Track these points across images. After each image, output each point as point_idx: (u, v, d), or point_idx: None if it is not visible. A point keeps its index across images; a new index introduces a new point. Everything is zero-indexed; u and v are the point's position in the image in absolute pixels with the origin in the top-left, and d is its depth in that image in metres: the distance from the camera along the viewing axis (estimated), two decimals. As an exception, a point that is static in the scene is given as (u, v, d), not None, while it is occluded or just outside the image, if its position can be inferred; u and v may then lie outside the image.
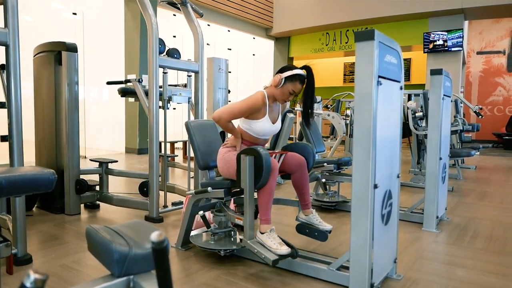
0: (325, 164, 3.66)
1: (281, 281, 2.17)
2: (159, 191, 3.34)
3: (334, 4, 10.99)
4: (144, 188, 3.56)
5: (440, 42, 9.79)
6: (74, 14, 7.60)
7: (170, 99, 3.46)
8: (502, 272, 2.35)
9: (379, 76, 1.82)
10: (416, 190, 4.80)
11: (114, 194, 3.68)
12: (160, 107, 3.35)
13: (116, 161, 3.86)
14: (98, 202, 3.69)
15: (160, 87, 3.37)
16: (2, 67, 2.82)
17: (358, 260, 1.87)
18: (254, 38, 12.13)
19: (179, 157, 7.98)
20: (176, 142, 7.98)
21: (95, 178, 3.78)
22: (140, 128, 8.18)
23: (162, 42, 3.30)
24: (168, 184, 3.88)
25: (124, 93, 3.62)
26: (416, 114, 5.01)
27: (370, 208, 1.82)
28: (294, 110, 6.65)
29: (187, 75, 3.67)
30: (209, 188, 2.34)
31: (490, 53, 12.68)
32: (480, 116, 6.63)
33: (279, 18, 12.08)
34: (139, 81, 3.33)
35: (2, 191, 0.99)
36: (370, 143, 1.80)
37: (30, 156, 3.33)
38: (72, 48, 3.35)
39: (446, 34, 9.70)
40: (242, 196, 2.55)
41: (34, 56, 3.60)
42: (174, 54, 3.45)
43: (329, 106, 9.63)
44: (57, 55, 3.37)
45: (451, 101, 3.80)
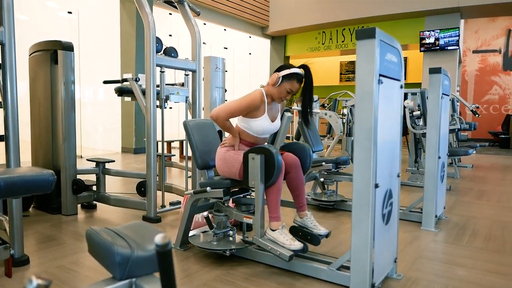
0: (323, 163, 3.65)
1: (281, 281, 2.15)
2: (157, 191, 3.32)
3: (330, 3, 10.99)
4: (141, 188, 3.53)
5: (436, 41, 9.81)
6: (69, 13, 7.55)
7: (167, 98, 3.44)
8: (502, 272, 2.35)
9: (380, 75, 1.81)
10: (413, 189, 4.80)
11: (111, 194, 3.65)
12: (157, 107, 3.32)
13: (113, 161, 3.84)
14: (95, 202, 3.66)
15: (158, 86, 3.35)
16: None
17: (359, 260, 1.86)
18: (250, 37, 12.10)
19: (176, 156, 7.95)
20: (173, 141, 7.94)
21: (91, 178, 3.75)
22: (136, 127, 8.14)
23: (159, 41, 3.27)
24: (166, 184, 3.86)
25: (121, 92, 3.59)
26: (414, 113, 5.01)
27: (371, 207, 1.81)
28: (291, 109, 6.65)
29: (185, 74, 3.64)
30: (208, 188, 2.32)
31: (486, 51, 12.73)
32: (477, 115, 6.65)
33: (275, 17, 12.06)
34: (136, 80, 3.30)
35: (1, 192, 0.96)
36: (371, 142, 1.78)
37: (26, 156, 3.29)
38: (68, 47, 3.31)
39: (442, 33, 9.72)
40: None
41: (30, 55, 3.56)
42: (171, 53, 3.42)
43: (325, 105, 9.63)
44: (53, 54, 3.33)
45: (450, 100, 3.79)
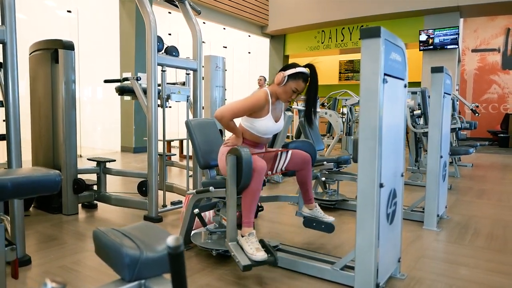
0: (324, 162, 3.65)
1: (285, 281, 2.15)
2: (158, 191, 3.30)
3: (329, 2, 10.98)
4: (143, 188, 3.52)
5: (436, 40, 9.81)
6: (69, 11, 7.52)
7: (168, 98, 3.42)
8: (506, 271, 2.34)
9: (385, 74, 1.80)
10: (414, 188, 4.80)
11: (112, 193, 3.64)
12: (158, 106, 3.31)
13: (114, 160, 3.82)
14: (95, 201, 3.65)
15: (159, 85, 3.33)
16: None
17: (364, 260, 1.85)
18: (249, 36, 12.09)
19: (176, 155, 7.93)
20: (173, 140, 7.93)
21: (91, 177, 3.73)
22: (136, 127, 8.12)
23: (160, 40, 3.25)
24: (167, 183, 3.85)
25: (122, 91, 3.58)
26: (414, 112, 5.01)
27: (376, 207, 1.81)
28: (291, 108, 6.64)
29: (186, 73, 3.63)
30: (211, 188, 2.31)
31: (485, 50, 12.75)
32: (476, 114, 6.65)
33: (275, 16, 12.05)
34: (137, 79, 3.29)
35: (7, 193, 0.95)
36: (376, 142, 1.78)
37: (25, 155, 3.28)
38: (69, 46, 3.30)
39: (441, 32, 9.72)
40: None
41: (30, 54, 3.54)
42: (172, 52, 3.41)
43: (325, 104, 9.63)
44: (53, 53, 3.31)
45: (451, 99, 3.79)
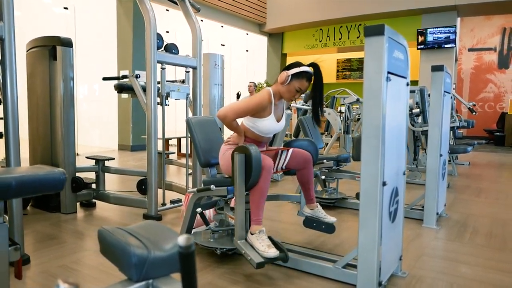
0: (324, 161, 3.64)
1: (286, 279, 2.14)
2: (157, 189, 3.29)
3: (327, 0, 10.97)
4: (142, 186, 3.50)
5: (433, 39, 9.83)
6: (65, 8, 7.47)
7: (168, 95, 3.41)
8: (506, 269, 2.35)
9: (388, 72, 1.79)
10: (413, 186, 4.81)
11: (111, 192, 3.62)
12: (158, 104, 3.29)
13: (113, 158, 3.80)
14: (94, 200, 3.63)
15: (158, 83, 3.31)
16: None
17: (367, 258, 1.85)
18: (247, 34, 12.07)
19: (174, 154, 7.91)
20: (171, 138, 7.90)
21: (89, 176, 3.71)
22: (133, 124, 8.09)
23: (160, 37, 3.23)
24: (166, 181, 3.83)
25: (120, 89, 3.55)
26: (413, 111, 5.01)
27: (379, 206, 1.80)
28: (290, 106, 6.63)
29: (185, 71, 3.61)
30: (212, 186, 2.30)
31: (482, 50, 12.80)
32: (474, 113, 6.67)
33: (273, 14, 12.03)
34: (136, 77, 3.27)
35: (11, 192, 0.93)
36: (379, 140, 1.77)
37: (23, 153, 3.25)
38: (67, 43, 3.27)
39: (439, 30, 9.74)
40: (246, 194, 2.53)
41: (27, 51, 3.50)
42: (172, 49, 3.38)
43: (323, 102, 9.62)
44: (51, 50, 3.28)
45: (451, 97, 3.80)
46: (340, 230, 3.02)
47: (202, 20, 9.99)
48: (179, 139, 7.66)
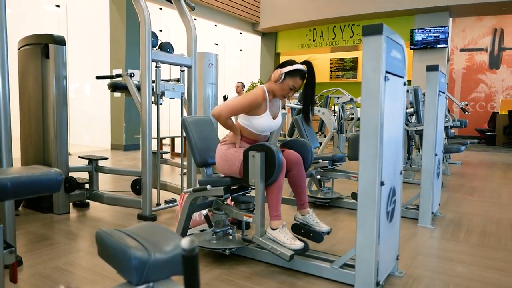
0: (319, 160, 3.64)
1: (282, 280, 2.13)
2: (152, 189, 3.25)
3: (321, 0, 10.97)
4: (136, 186, 3.46)
5: (426, 39, 9.88)
6: (57, 6, 7.38)
7: (163, 94, 3.37)
8: (501, 268, 2.36)
9: (386, 72, 1.79)
10: (406, 185, 4.82)
11: (105, 192, 3.58)
12: (152, 103, 3.26)
13: (107, 158, 3.75)
14: (87, 200, 3.59)
15: (153, 82, 3.28)
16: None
17: (365, 258, 1.84)
18: (241, 33, 12.05)
19: (167, 153, 7.86)
20: (164, 138, 7.86)
21: (82, 176, 3.66)
22: (126, 124, 8.02)
23: (154, 36, 3.20)
24: (160, 181, 3.79)
25: (114, 88, 3.50)
26: (407, 110, 5.03)
27: (377, 205, 1.79)
28: (285, 106, 6.62)
29: (180, 70, 3.57)
30: (208, 186, 2.28)
31: (473, 50, 12.90)
32: (466, 113, 6.72)
33: (266, 13, 12.02)
34: (131, 75, 3.23)
35: (7, 193, 0.90)
36: (378, 140, 1.76)
37: (14, 153, 3.20)
38: (60, 41, 3.22)
39: (431, 31, 9.80)
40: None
41: (19, 49, 3.45)
42: (167, 48, 3.35)
43: (317, 102, 9.63)
44: (44, 48, 3.23)
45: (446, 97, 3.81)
46: (336, 230, 3.01)
47: (195, 19, 9.91)
48: (172, 139, 7.61)
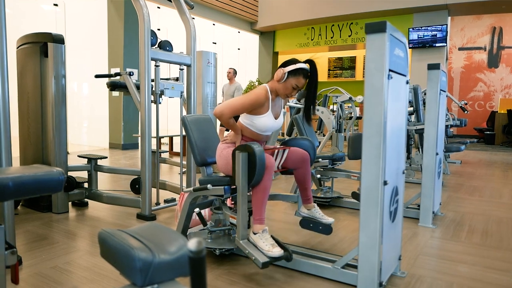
0: (319, 159, 3.62)
1: (284, 280, 2.11)
2: (151, 188, 3.23)
3: (320, -2, 10.97)
4: (136, 185, 3.44)
5: (425, 38, 9.88)
6: (55, 5, 7.34)
7: (162, 93, 3.35)
8: (504, 268, 2.35)
9: (390, 70, 1.77)
10: (406, 185, 4.81)
11: (104, 191, 3.56)
12: (152, 102, 3.23)
13: (106, 157, 3.73)
14: (86, 199, 3.56)
15: (152, 80, 3.26)
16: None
17: (367, 258, 1.82)
18: (239, 32, 12.02)
19: (166, 153, 7.83)
20: (163, 137, 7.83)
21: (81, 175, 3.64)
22: (125, 123, 7.99)
23: (154, 34, 3.18)
24: (160, 181, 3.77)
25: (113, 87, 3.48)
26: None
27: (380, 205, 1.78)
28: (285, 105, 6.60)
29: (179, 69, 3.56)
30: (208, 185, 2.26)
31: (471, 49, 12.91)
32: (466, 112, 6.72)
33: (264, 12, 11.99)
34: (130, 74, 3.21)
35: (9, 193, 0.88)
36: (381, 139, 1.75)
37: (13, 152, 3.18)
38: (59, 40, 3.20)
39: (430, 29, 9.80)
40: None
41: (18, 48, 3.43)
42: (166, 46, 3.33)
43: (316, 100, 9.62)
44: (42, 46, 3.21)
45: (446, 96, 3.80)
46: (336, 230, 3.00)
47: (193, 18, 9.89)
48: (171, 138, 7.59)
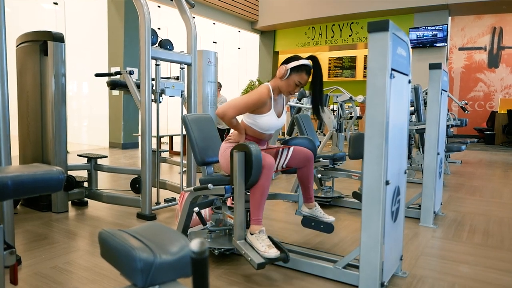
0: (320, 159, 3.61)
1: (285, 279, 2.10)
2: (151, 188, 3.22)
3: (320, -2, 10.95)
4: (136, 185, 3.43)
5: (425, 38, 9.87)
6: (55, 4, 7.33)
7: (162, 92, 3.34)
8: (505, 268, 2.34)
9: (392, 69, 1.76)
10: (407, 185, 4.79)
11: (104, 190, 3.55)
12: (152, 101, 3.22)
13: (106, 156, 3.72)
14: (86, 199, 3.55)
15: (153, 79, 3.25)
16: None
17: (369, 258, 1.81)
18: (239, 32, 12.00)
19: (166, 152, 7.82)
20: (163, 136, 7.81)
21: (80, 174, 3.63)
22: (124, 122, 7.97)
23: (154, 33, 3.17)
24: (160, 180, 3.76)
25: (113, 85, 3.47)
26: (407, 109, 5.00)
27: (382, 205, 1.77)
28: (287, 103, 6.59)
29: (180, 68, 3.54)
30: (209, 185, 2.24)
31: (472, 49, 12.89)
32: (466, 111, 6.71)
33: (265, 12, 11.97)
34: (130, 73, 3.19)
35: (8, 192, 0.87)
36: (383, 139, 1.73)
37: (12, 151, 3.16)
38: (58, 38, 3.18)
39: (431, 29, 9.78)
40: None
41: (17, 46, 3.41)
42: (167, 45, 3.32)
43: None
44: (42, 45, 3.19)
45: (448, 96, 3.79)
46: (337, 229, 2.99)
47: (194, 17, 9.88)
48: (171, 137, 7.57)
